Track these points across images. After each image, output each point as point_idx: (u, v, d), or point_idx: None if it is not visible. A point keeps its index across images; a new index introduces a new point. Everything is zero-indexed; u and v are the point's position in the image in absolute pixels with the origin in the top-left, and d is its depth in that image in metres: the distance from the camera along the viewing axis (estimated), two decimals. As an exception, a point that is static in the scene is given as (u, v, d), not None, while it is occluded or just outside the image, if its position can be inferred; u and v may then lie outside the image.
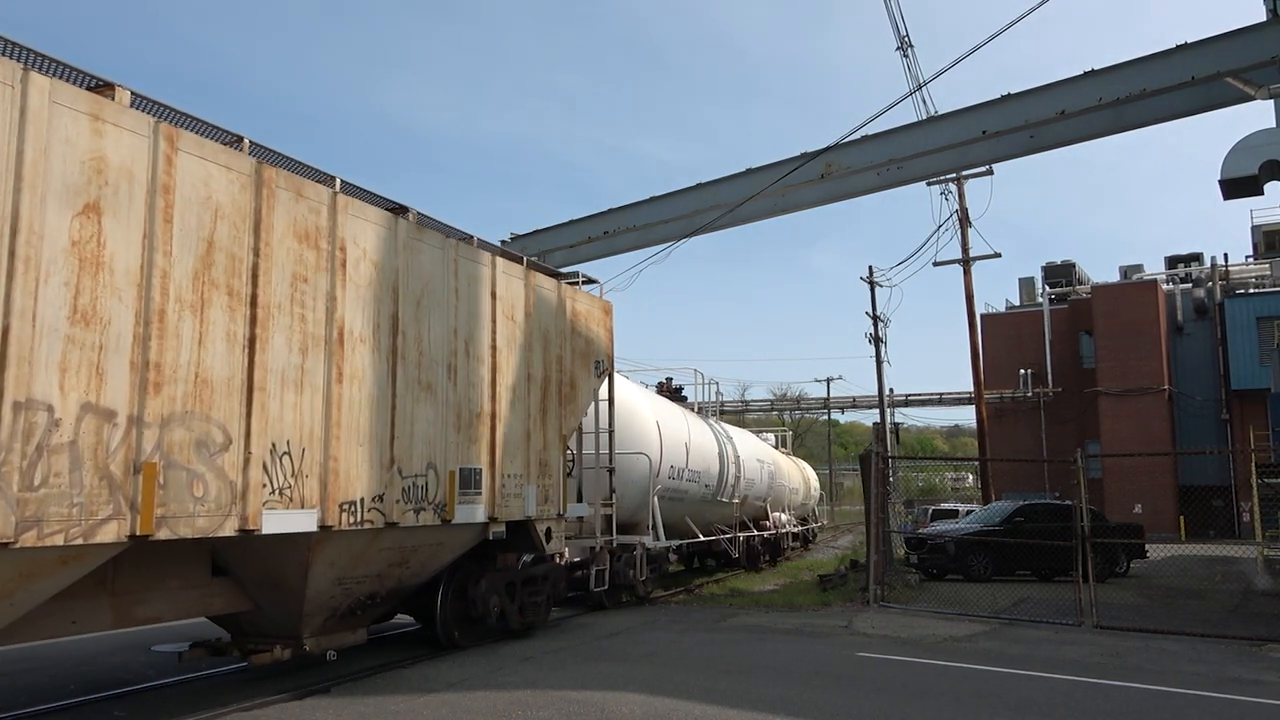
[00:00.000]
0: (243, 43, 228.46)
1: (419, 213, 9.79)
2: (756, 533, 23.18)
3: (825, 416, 64.03)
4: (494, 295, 10.70)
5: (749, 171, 20.03)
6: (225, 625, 9.02)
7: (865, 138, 18.28)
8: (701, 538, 19.19)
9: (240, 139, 7.67)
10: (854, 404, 58.76)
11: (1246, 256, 46.18)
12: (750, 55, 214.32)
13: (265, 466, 7.35)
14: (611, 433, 13.88)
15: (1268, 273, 43.86)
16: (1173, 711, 8.09)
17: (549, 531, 11.62)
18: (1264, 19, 14.55)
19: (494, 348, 10.58)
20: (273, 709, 7.88)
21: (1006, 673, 9.72)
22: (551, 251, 24.33)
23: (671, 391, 21.64)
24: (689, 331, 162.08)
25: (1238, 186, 15.11)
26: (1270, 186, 15.56)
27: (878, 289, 32.99)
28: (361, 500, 8.34)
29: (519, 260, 11.64)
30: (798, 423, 78.24)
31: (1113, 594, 16.44)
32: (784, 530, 26.24)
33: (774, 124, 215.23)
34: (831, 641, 11.84)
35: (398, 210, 9.51)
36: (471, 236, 10.74)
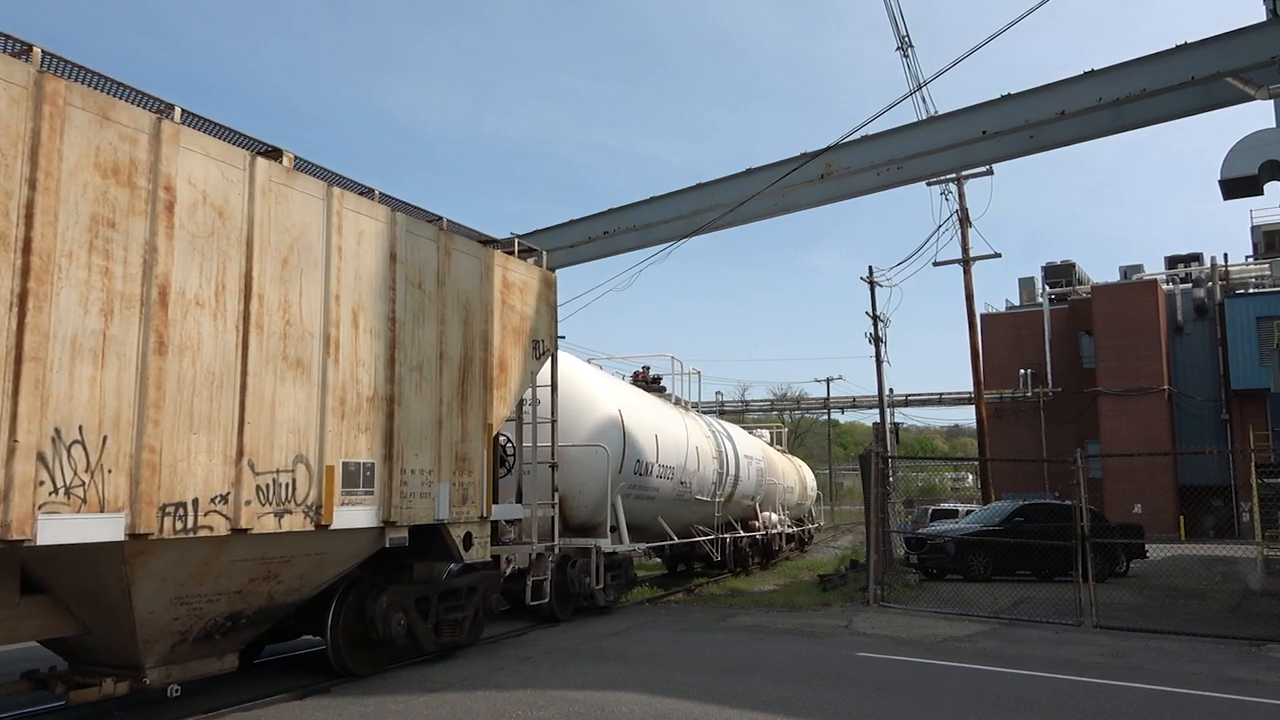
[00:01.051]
0: (246, 44, 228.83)
1: (297, 156, 8.09)
2: (744, 534, 21.49)
3: (825, 416, 63.83)
4: (394, 257, 8.91)
5: (749, 171, 19.90)
6: (61, 651, 7.48)
7: (865, 138, 18.15)
8: (675, 540, 17.22)
9: (30, 48, 6.10)
10: (854, 404, 58.58)
11: (1246, 256, 45.85)
12: (753, 56, 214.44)
13: (43, 458, 5.72)
14: (554, 422, 11.97)
15: (1268, 273, 43.39)
16: (1173, 711, 7.96)
17: (469, 537, 9.82)
18: (1264, 19, 14.56)
19: (393, 319, 8.82)
20: (273, 709, 7.76)
21: (1006, 673, 9.56)
22: (552, 251, 24.21)
23: (648, 382, 19.97)
24: (689, 331, 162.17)
25: (1238, 186, 15.04)
26: (1270, 186, 15.49)
27: (878, 289, 32.68)
28: (195, 502, 6.66)
29: (435, 220, 9.92)
30: (798, 422, 78.14)
31: (1113, 594, 15.96)
32: (775, 531, 24.37)
33: (776, 125, 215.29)
34: (831, 641, 11.66)
35: (270, 153, 7.79)
36: (373, 190, 9.03)
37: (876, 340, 32.38)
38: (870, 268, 33.84)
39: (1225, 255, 45.89)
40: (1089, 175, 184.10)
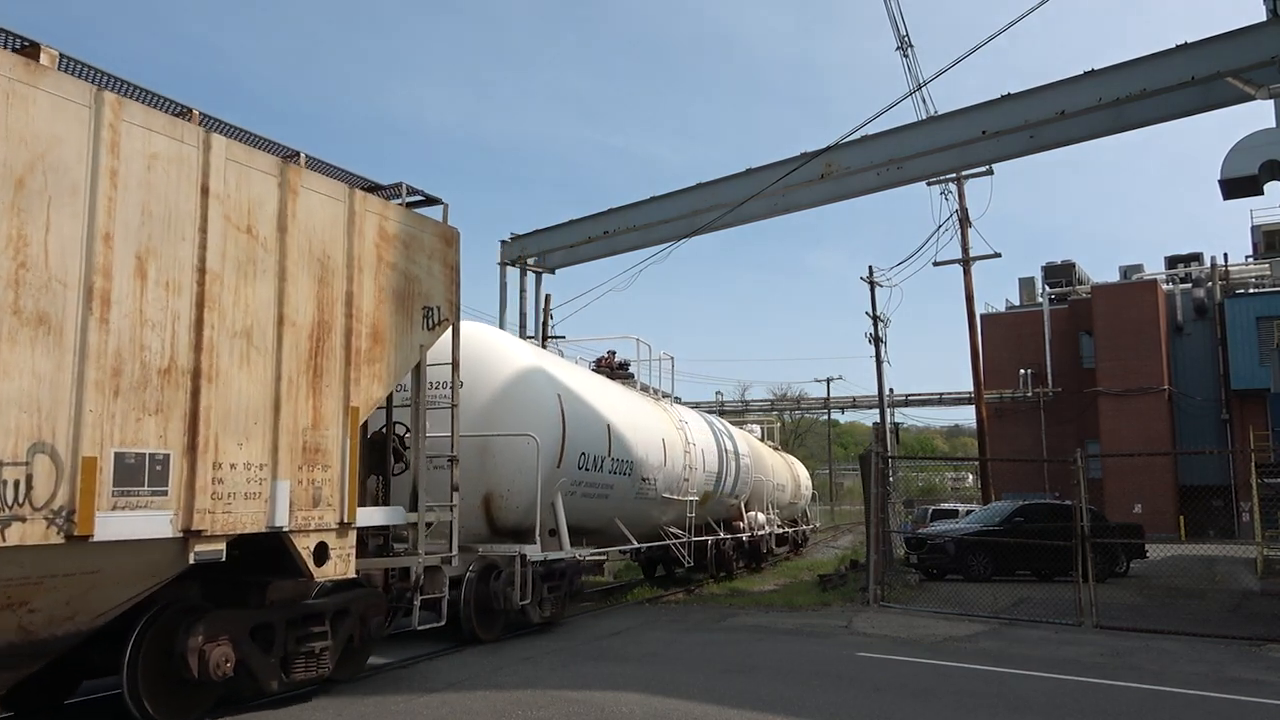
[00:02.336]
0: (247, 43, 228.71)
1: (65, 54, 6.36)
2: (726, 536, 20.02)
3: (825, 416, 63.91)
4: (208, 191, 6.97)
5: (749, 171, 19.93)
6: None
7: (865, 138, 18.19)
8: (636, 544, 15.40)
9: None
10: (854, 404, 58.59)
11: (1246, 256, 45.83)
12: (755, 56, 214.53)
13: None
14: (454, 407, 9.94)
15: (1268, 273, 43.44)
16: (1173, 711, 7.98)
17: (322, 548, 7.80)
18: (1264, 19, 14.59)
19: (204, 271, 6.88)
20: (274, 709, 7.70)
21: (1006, 673, 9.53)
22: (552, 251, 24.27)
23: (613, 367, 18.32)
24: (689, 331, 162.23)
25: (1238, 186, 15.04)
26: (1270, 186, 15.52)
27: (878, 289, 32.77)
28: None
29: (290, 155, 8.13)
30: (798, 423, 78.24)
31: (1113, 594, 15.96)
32: (763, 532, 22.59)
33: (778, 125, 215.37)
34: (831, 641, 11.64)
35: (24, 49, 6.10)
36: (190, 109, 7.21)
37: (876, 340, 32.37)
38: (870, 268, 33.86)
39: (1225, 255, 45.96)
40: (1089, 175, 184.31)
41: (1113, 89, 15.40)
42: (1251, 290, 42.32)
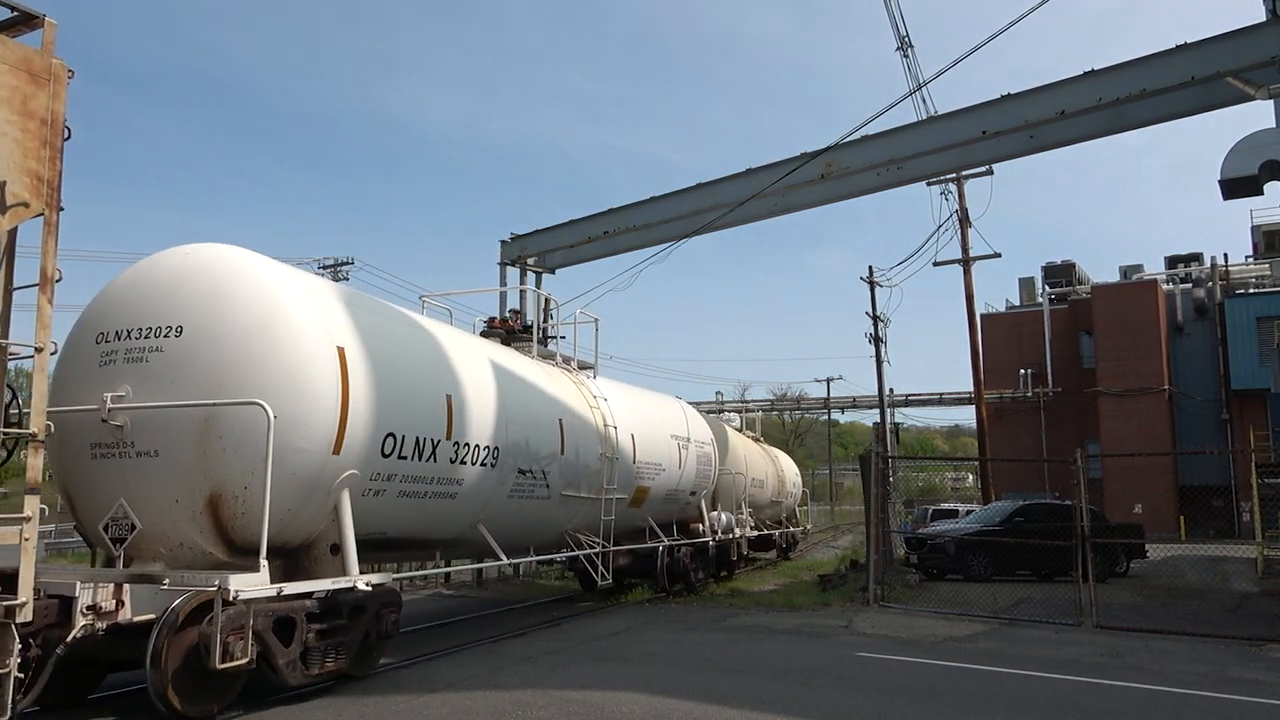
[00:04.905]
0: (252, 44, 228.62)
1: None
2: (680, 541, 17.05)
3: (825, 416, 63.99)
4: None
5: (749, 171, 19.94)
6: None
7: (865, 138, 18.19)
8: (504, 559, 11.66)
9: None
10: (854, 404, 58.62)
11: (1246, 256, 45.80)
12: (759, 57, 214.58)
13: None
14: (38, 350, 6.09)
15: (1268, 273, 43.43)
16: (1172, 711, 7.96)
17: None
18: (1264, 19, 14.60)
19: None
20: (273, 709, 7.76)
21: (1006, 672, 9.53)
22: (552, 251, 24.29)
23: (513, 329, 15.07)
24: (689, 331, 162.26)
25: (1238, 186, 15.05)
26: (1270, 186, 15.56)
27: (878, 289, 32.80)
28: None
29: None
30: (798, 422, 78.36)
31: (1113, 594, 15.94)
32: (730, 536, 19.46)
33: (781, 126, 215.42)
34: (831, 641, 11.64)
35: None
36: None
37: (876, 340, 32.37)
38: (870, 268, 33.85)
39: (1225, 255, 45.93)
40: (1089, 175, 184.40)
41: (1113, 89, 15.41)
42: (1251, 290, 42.29)
